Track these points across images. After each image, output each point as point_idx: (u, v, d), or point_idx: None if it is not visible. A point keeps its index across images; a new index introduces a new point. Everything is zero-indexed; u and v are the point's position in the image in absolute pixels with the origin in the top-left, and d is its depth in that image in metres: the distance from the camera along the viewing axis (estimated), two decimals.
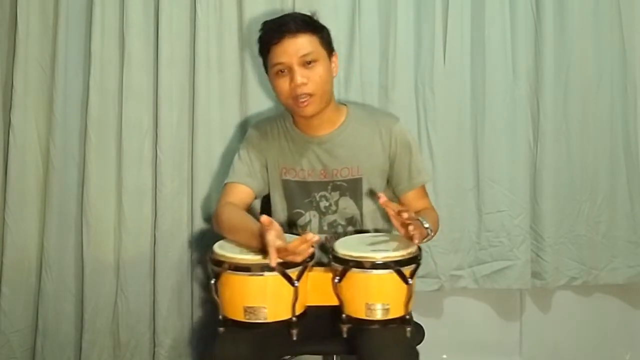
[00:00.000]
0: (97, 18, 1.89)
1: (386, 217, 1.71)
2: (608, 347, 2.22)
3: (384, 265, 1.42)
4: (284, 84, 1.57)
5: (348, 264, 1.43)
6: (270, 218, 1.37)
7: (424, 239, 1.51)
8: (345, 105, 1.73)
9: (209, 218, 1.95)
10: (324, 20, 1.95)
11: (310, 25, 1.59)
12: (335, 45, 1.68)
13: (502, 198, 2.02)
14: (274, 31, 1.57)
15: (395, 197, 1.73)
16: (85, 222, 1.92)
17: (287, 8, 1.94)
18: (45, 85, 1.93)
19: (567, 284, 2.08)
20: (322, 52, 1.59)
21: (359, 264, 1.42)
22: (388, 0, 1.96)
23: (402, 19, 1.96)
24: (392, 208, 1.44)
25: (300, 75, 1.54)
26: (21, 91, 1.91)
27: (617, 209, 2.07)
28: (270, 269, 1.37)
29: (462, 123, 2.01)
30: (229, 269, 1.42)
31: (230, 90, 1.95)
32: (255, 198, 1.71)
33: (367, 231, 1.70)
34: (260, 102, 1.95)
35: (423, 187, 1.74)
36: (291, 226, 1.72)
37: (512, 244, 2.03)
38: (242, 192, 1.67)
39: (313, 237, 1.36)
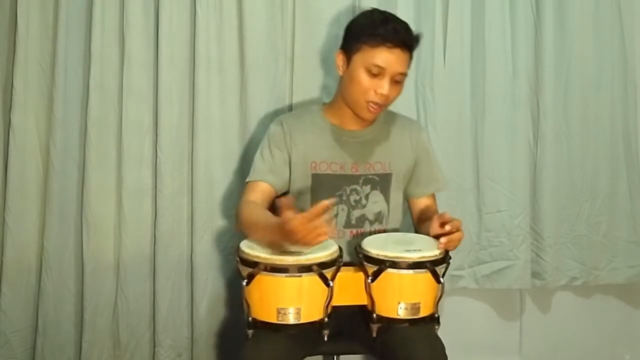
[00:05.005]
0: (97, 18, 1.89)
1: (406, 212, 1.77)
2: (608, 347, 2.22)
3: (420, 265, 1.43)
4: (368, 82, 1.57)
5: (384, 264, 1.43)
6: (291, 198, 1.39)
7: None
8: None
9: (209, 218, 1.95)
10: (324, 20, 1.96)
11: (416, 45, 1.61)
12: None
13: (502, 198, 2.02)
14: (392, 33, 1.55)
15: (405, 200, 1.77)
16: (85, 222, 1.92)
17: (287, 8, 1.94)
18: (45, 85, 1.93)
19: (568, 284, 2.08)
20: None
21: (395, 264, 1.42)
22: (388, 0, 1.96)
23: (402, 19, 1.96)
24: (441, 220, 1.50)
25: (387, 88, 1.57)
26: (21, 91, 1.91)
27: (617, 209, 2.08)
28: (308, 270, 1.37)
29: (462, 123, 2.01)
30: (265, 270, 1.39)
31: (230, 90, 1.95)
32: (277, 195, 1.67)
33: (384, 231, 1.70)
34: (261, 102, 1.95)
35: (434, 194, 1.78)
36: None
37: (512, 244, 2.03)
38: (264, 190, 1.65)
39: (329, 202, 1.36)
